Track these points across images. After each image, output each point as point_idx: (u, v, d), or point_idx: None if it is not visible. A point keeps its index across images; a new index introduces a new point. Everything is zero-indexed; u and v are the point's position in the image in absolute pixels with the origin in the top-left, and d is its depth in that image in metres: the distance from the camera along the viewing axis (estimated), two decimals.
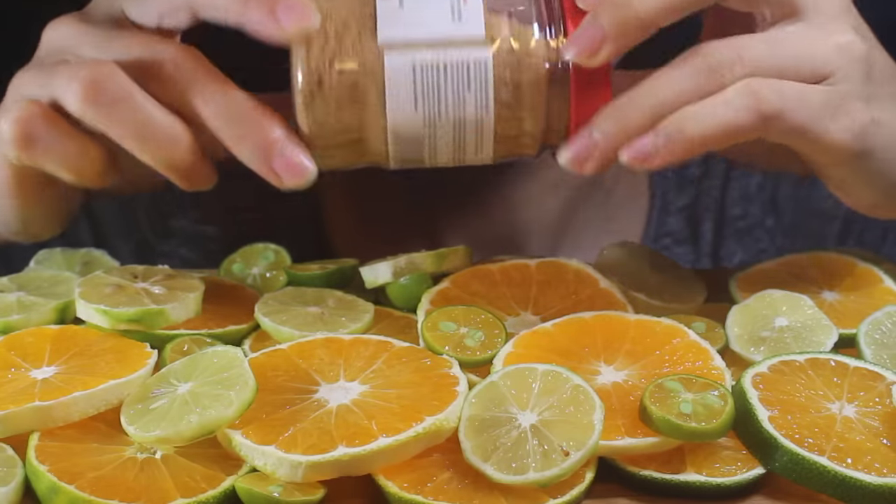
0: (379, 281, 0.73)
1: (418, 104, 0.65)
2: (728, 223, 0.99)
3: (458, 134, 0.66)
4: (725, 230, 1.00)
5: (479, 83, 0.65)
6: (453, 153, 0.67)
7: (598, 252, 0.76)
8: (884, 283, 0.75)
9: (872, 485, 0.58)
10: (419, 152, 0.67)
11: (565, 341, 0.67)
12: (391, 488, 0.59)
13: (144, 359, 0.65)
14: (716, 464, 0.61)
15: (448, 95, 0.65)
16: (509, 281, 0.73)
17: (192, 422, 0.59)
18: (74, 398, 0.61)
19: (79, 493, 0.58)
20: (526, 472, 0.58)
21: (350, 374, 0.64)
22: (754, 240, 1.00)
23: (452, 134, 0.66)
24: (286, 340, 0.67)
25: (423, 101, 0.65)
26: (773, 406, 0.62)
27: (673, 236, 0.99)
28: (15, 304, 0.71)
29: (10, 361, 0.65)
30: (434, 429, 0.60)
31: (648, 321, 0.68)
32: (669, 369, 0.65)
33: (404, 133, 0.66)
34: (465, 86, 0.65)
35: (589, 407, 0.60)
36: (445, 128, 0.66)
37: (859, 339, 0.68)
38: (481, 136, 0.66)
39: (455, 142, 0.66)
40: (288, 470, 0.58)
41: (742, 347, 0.69)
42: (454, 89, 0.65)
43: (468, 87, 0.65)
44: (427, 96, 0.65)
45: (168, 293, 0.69)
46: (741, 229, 1.00)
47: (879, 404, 0.63)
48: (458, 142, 0.66)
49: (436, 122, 0.65)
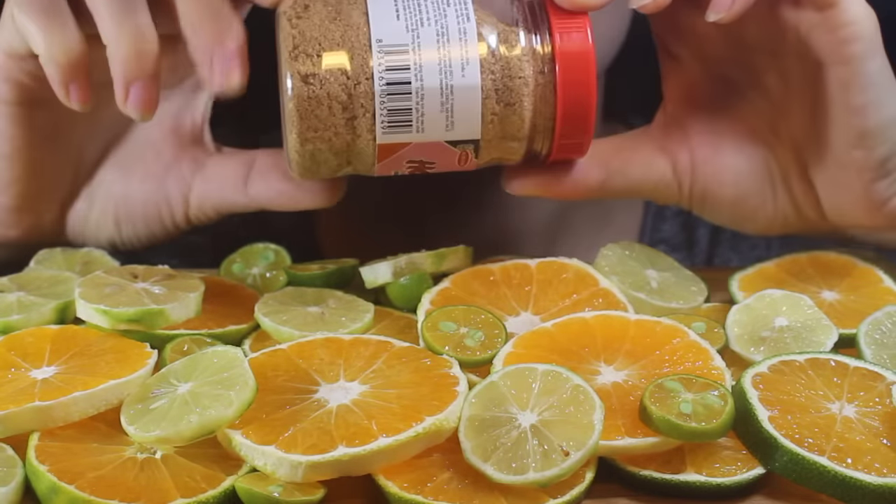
0: (379, 281, 0.73)
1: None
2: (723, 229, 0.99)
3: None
4: (720, 236, 1.00)
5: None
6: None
7: (598, 252, 0.76)
8: (884, 283, 0.75)
9: (872, 485, 0.58)
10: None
11: (565, 341, 0.67)
12: (391, 488, 0.59)
13: (144, 359, 0.65)
14: (716, 464, 0.61)
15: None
16: (509, 281, 0.73)
17: (192, 422, 0.59)
18: (74, 398, 0.61)
19: (79, 493, 0.58)
20: (526, 472, 0.58)
21: (350, 374, 0.64)
22: (750, 246, 1.00)
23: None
24: (286, 340, 0.67)
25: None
26: (773, 406, 0.62)
27: (668, 242, 0.99)
28: (15, 304, 0.71)
29: (10, 361, 0.65)
30: (434, 429, 0.60)
31: (648, 321, 0.68)
32: (669, 369, 0.65)
33: None
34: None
35: (589, 407, 0.60)
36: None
37: (859, 339, 0.68)
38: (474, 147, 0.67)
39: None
40: (288, 470, 0.59)
41: (742, 347, 0.69)
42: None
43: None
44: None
45: (168, 293, 0.69)
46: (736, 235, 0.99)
47: (879, 404, 0.63)
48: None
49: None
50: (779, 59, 0.73)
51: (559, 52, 0.67)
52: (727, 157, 0.76)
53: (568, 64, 0.67)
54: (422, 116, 0.66)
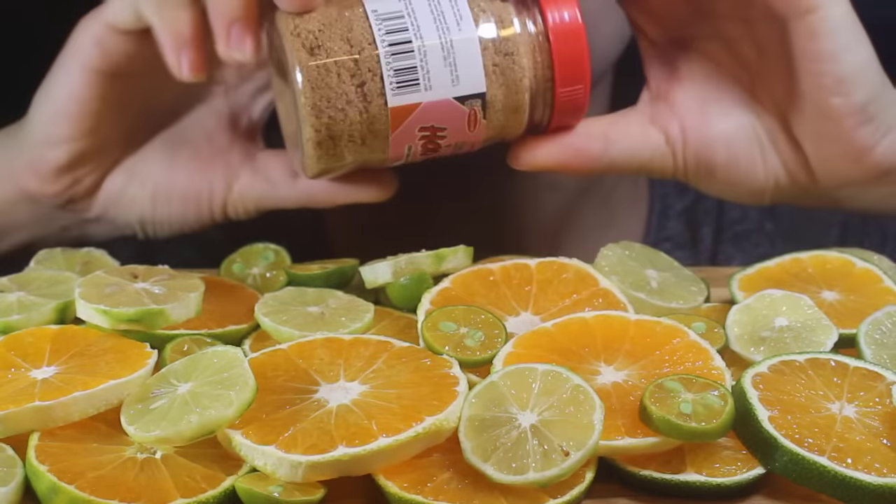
0: (379, 281, 0.73)
1: None
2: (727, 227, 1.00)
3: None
4: (724, 234, 1.01)
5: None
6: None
7: (598, 252, 0.76)
8: (884, 283, 0.75)
9: (872, 485, 0.58)
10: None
11: (565, 341, 0.67)
12: (391, 488, 0.59)
13: (144, 359, 0.65)
14: (716, 464, 0.61)
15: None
16: (509, 281, 0.73)
17: (192, 422, 0.59)
18: (74, 398, 0.61)
19: (79, 493, 0.58)
20: (526, 472, 0.58)
21: (350, 374, 0.64)
22: (753, 244, 1.01)
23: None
24: (286, 340, 0.67)
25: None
26: (773, 406, 0.62)
27: (673, 240, 0.99)
28: (15, 304, 0.71)
29: (10, 361, 0.65)
30: (434, 429, 0.60)
31: (648, 321, 0.68)
32: (669, 369, 0.65)
33: None
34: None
35: (589, 407, 0.60)
36: None
37: (859, 339, 0.68)
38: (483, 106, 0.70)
39: None
40: (288, 470, 0.59)
41: (742, 347, 0.69)
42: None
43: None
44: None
45: (168, 293, 0.69)
46: (740, 233, 1.00)
47: (879, 404, 0.63)
48: None
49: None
50: (749, 24, 0.75)
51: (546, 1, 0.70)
52: (715, 124, 0.77)
53: (557, 11, 0.70)
54: (427, 73, 0.69)
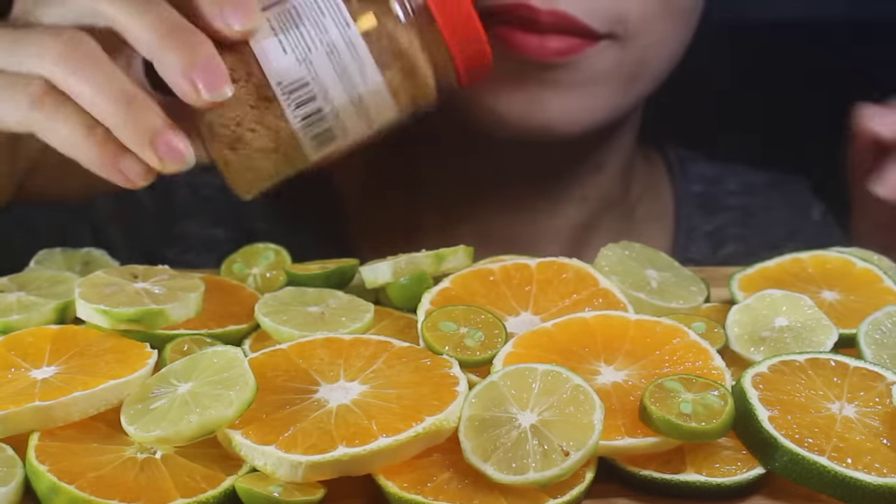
0: (379, 281, 0.73)
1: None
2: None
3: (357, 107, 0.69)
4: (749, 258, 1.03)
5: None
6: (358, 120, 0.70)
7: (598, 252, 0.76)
8: (884, 283, 0.75)
9: (872, 485, 0.58)
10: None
11: (565, 341, 0.67)
12: (391, 488, 0.59)
13: (144, 359, 0.65)
14: (716, 464, 0.61)
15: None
16: (509, 281, 0.73)
17: (192, 422, 0.59)
18: (74, 398, 0.61)
19: (79, 493, 0.58)
20: (526, 472, 0.58)
21: (350, 374, 0.64)
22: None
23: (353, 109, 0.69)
24: (286, 340, 0.67)
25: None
26: (773, 406, 0.62)
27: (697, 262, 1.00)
28: (15, 304, 0.71)
29: (10, 361, 0.65)
30: (434, 429, 0.60)
31: (648, 321, 0.68)
32: (669, 369, 0.65)
33: None
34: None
35: (589, 407, 0.60)
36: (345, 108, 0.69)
37: (859, 339, 0.68)
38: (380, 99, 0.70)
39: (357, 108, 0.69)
40: (288, 470, 0.59)
41: (742, 347, 0.69)
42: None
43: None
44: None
45: (168, 293, 0.69)
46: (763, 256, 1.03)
47: (879, 404, 0.63)
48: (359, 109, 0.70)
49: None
50: None
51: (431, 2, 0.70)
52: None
53: (442, 9, 0.70)
54: (343, 127, 0.70)
